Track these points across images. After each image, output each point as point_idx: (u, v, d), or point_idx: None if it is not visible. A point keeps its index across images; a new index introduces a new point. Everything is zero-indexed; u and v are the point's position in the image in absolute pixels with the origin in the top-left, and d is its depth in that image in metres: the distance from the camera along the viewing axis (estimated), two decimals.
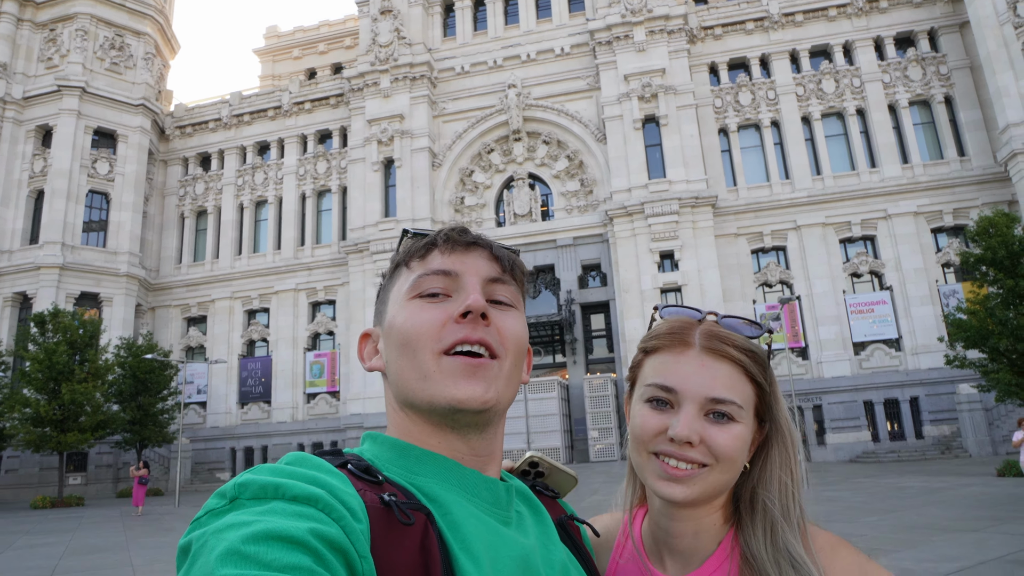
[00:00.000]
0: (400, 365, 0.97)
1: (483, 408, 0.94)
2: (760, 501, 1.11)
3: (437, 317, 0.96)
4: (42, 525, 21.50)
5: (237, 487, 0.75)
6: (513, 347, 0.99)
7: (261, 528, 0.67)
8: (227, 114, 43.33)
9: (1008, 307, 22.77)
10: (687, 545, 1.14)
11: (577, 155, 37.59)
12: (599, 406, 32.64)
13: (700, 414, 1.08)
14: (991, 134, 33.43)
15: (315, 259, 40.34)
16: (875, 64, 35.90)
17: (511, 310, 1.02)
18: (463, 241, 1.03)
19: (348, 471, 0.86)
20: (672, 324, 1.16)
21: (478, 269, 1.01)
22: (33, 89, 39.83)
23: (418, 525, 0.83)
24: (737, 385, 1.09)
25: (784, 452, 1.14)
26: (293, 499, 0.74)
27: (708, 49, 37.81)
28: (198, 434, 38.68)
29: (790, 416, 1.16)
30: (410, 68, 38.93)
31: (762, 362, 1.13)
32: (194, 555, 0.68)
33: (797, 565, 1.03)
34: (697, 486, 1.07)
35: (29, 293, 37.26)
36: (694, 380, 1.09)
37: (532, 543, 0.97)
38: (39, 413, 30.00)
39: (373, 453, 0.97)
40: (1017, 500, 14.34)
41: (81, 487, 34.93)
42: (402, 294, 1.01)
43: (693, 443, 1.06)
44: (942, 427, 30.77)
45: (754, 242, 35.18)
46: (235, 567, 0.63)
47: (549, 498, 1.19)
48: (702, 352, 1.10)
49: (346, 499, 0.78)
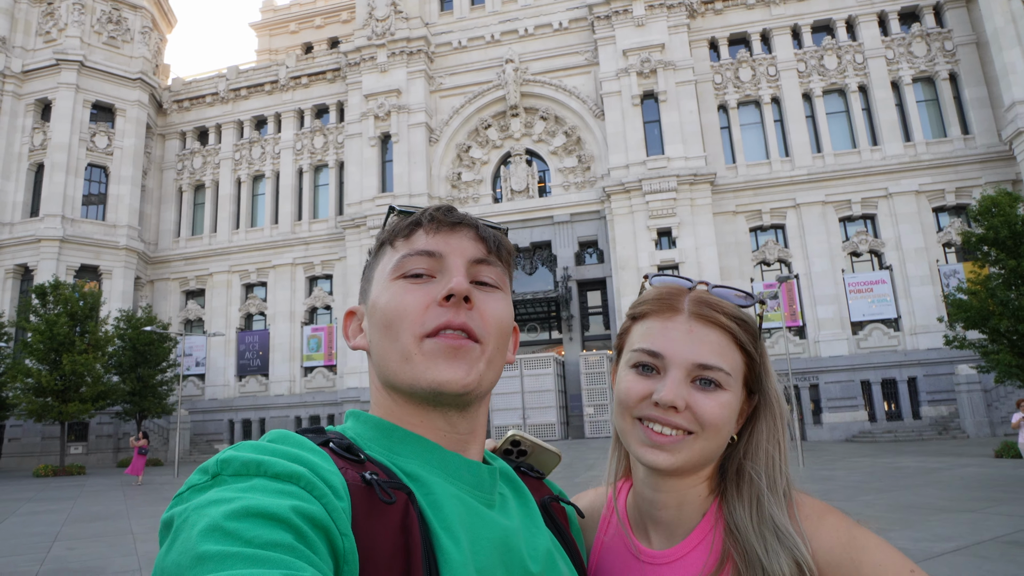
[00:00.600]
0: (383, 346, 0.96)
1: (464, 391, 0.93)
2: (746, 473, 1.09)
3: (420, 300, 0.95)
4: (44, 493, 21.82)
5: (219, 463, 0.75)
6: (495, 331, 0.97)
7: (243, 505, 0.67)
8: (224, 88, 43.26)
9: (1010, 288, 22.52)
10: (671, 516, 1.12)
11: (575, 131, 37.30)
12: (595, 382, 32.71)
13: (687, 380, 1.06)
14: (996, 112, 32.81)
15: (312, 234, 40.42)
16: (878, 40, 35.20)
17: (495, 292, 1.01)
18: (448, 221, 1.01)
19: (330, 449, 0.86)
20: (661, 290, 1.14)
21: (463, 250, 0.99)
22: (32, 63, 39.92)
23: (399, 504, 0.83)
24: (726, 352, 1.07)
25: (772, 424, 1.12)
26: (275, 476, 0.73)
27: (708, 24, 37.22)
28: (197, 406, 39.13)
29: (779, 388, 1.14)
30: (407, 43, 38.64)
31: (752, 331, 1.10)
32: (176, 530, 0.68)
33: (781, 535, 1.01)
34: (682, 454, 1.05)
35: (30, 265, 37.64)
36: (682, 345, 1.07)
37: (515, 525, 0.97)
38: (41, 383, 30.40)
39: (356, 432, 0.97)
40: (1015, 481, 14.29)
41: (82, 456, 35.50)
42: (386, 274, 0.99)
43: (679, 408, 1.04)
44: (940, 408, 30.59)
45: (753, 220, 34.87)
46: (217, 543, 0.63)
47: (534, 479, 1.18)
48: (691, 318, 1.08)
49: (328, 477, 0.78)
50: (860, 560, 0.97)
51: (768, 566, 0.99)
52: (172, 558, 0.65)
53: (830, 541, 1.00)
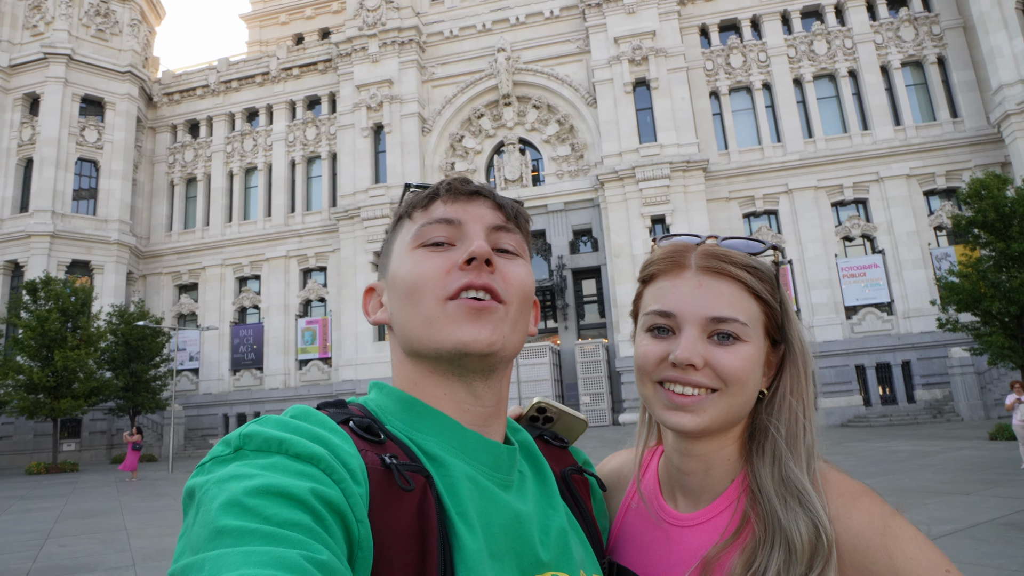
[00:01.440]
0: (405, 314, 0.95)
1: (489, 351, 0.91)
2: (767, 429, 1.05)
3: (441, 265, 0.94)
4: (37, 490, 21.65)
5: (242, 437, 0.75)
6: (518, 294, 0.96)
7: (263, 482, 0.67)
8: (215, 81, 43.08)
9: (1000, 270, 22.73)
10: (698, 483, 1.09)
11: (568, 119, 37.36)
12: (590, 371, 32.76)
13: (703, 336, 1.02)
14: (984, 95, 33.12)
15: (306, 226, 40.31)
16: (867, 24, 35.47)
17: (516, 258, 1.00)
18: (465, 190, 1.00)
19: (350, 428, 0.86)
20: (668, 249, 1.10)
21: (481, 217, 0.99)
22: (19, 57, 39.65)
23: (417, 489, 0.82)
24: (740, 303, 1.03)
25: (796, 374, 1.06)
26: (296, 456, 0.73)
27: (699, 10, 37.39)
28: (191, 400, 38.90)
29: (805, 335, 1.08)
30: (398, 32, 38.59)
31: (766, 278, 1.06)
32: (198, 503, 0.69)
33: (803, 498, 0.96)
34: (708, 413, 1.01)
35: (20, 261, 37.33)
36: (693, 301, 1.03)
37: (529, 509, 0.95)
38: (32, 380, 30.16)
39: (378, 404, 0.97)
40: (1009, 463, 14.34)
41: (75, 453, 35.23)
42: (405, 244, 0.98)
43: (697, 366, 1.00)
44: (934, 391, 30.79)
45: (746, 206, 35.02)
46: (236, 518, 0.64)
47: (557, 448, 1.16)
48: (699, 272, 1.04)
49: (347, 460, 0.77)
50: (893, 550, 0.91)
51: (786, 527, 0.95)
52: (195, 531, 0.65)
53: (861, 524, 0.94)
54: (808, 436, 1.03)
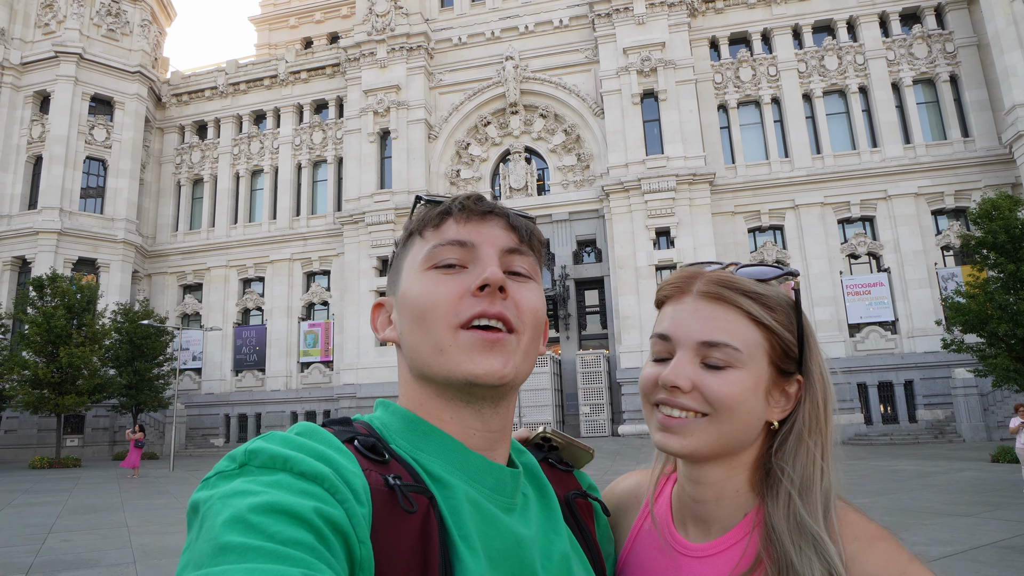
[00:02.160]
0: (415, 338, 0.94)
1: (500, 383, 0.91)
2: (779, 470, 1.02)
3: (453, 290, 0.92)
4: (40, 485, 21.87)
5: (248, 453, 0.75)
6: (531, 320, 0.95)
7: (267, 500, 0.67)
8: (223, 83, 43.19)
9: (1008, 292, 22.51)
10: (709, 512, 1.08)
11: (574, 129, 37.21)
12: (591, 382, 32.70)
13: (694, 360, 1.01)
14: (997, 115, 32.72)
15: (310, 229, 40.42)
16: (879, 41, 35.09)
17: (529, 282, 0.98)
18: (479, 210, 0.98)
19: (355, 448, 0.85)
20: (678, 274, 1.10)
21: (495, 239, 0.97)
22: (31, 55, 39.88)
23: (420, 510, 0.82)
24: (735, 328, 1.01)
25: (816, 411, 1.03)
26: (300, 475, 0.73)
27: (709, 23, 37.11)
28: (193, 400, 39.18)
29: (827, 371, 1.05)
30: (407, 38, 38.53)
31: (774, 305, 1.03)
32: (202, 518, 0.69)
33: (818, 546, 0.94)
34: (695, 436, 1.00)
35: (28, 257, 37.66)
36: (686, 325, 1.03)
37: (532, 533, 0.94)
38: (37, 375, 30.47)
39: (383, 422, 0.96)
40: (1011, 486, 14.29)
41: (78, 449, 35.56)
42: (416, 264, 0.97)
43: (683, 388, 1.00)
44: (936, 411, 30.56)
45: (751, 221, 34.82)
46: (239, 534, 0.64)
47: (562, 472, 1.15)
48: (698, 297, 1.05)
49: (351, 480, 0.77)
50: None
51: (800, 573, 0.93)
52: (198, 547, 0.66)
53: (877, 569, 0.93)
54: (825, 480, 1.00)
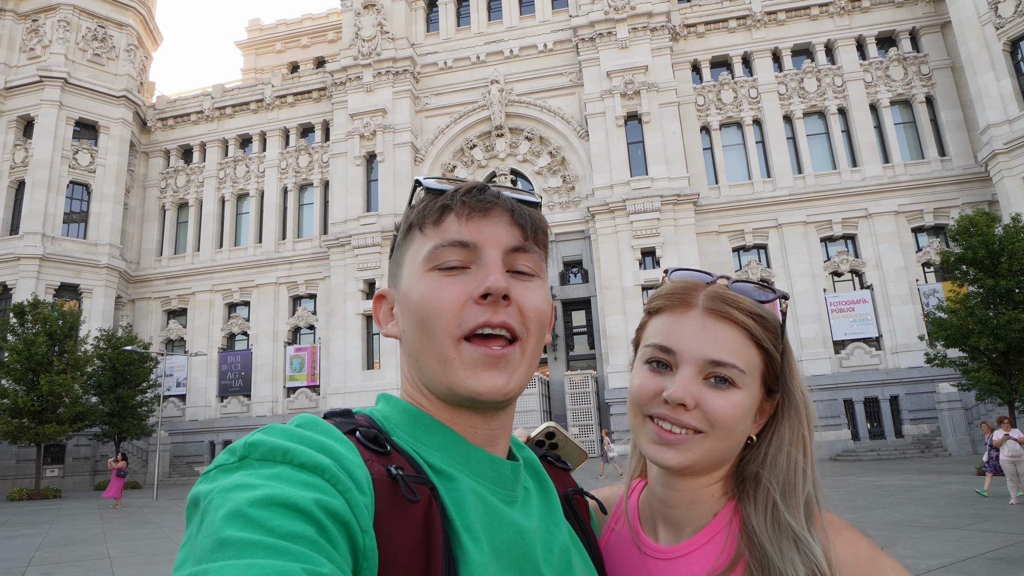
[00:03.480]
0: (419, 343, 0.93)
1: (505, 399, 0.92)
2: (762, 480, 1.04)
3: (456, 296, 0.91)
4: (19, 517, 21.40)
5: (247, 446, 0.75)
6: (536, 325, 0.94)
7: (267, 493, 0.67)
8: (209, 107, 43.24)
9: (988, 306, 22.86)
10: (681, 516, 1.09)
11: (559, 151, 37.59)
12: (579, 402, 32.63)
13: (698, 377, 1.02)
14: (972, 134, 33.49)
15: (296, 253, 40.30)
16: (857, 63, 35.94)
17: (533, 280, 0.96)
18: (481, 205, 0.95)
19: (356, 439, 0.85)
20: (677, 284, 1.10)
21: (498, 239, 0.94)
22: (15, 79, 39.74)
23: (423, 500, 0.82)
24: (740, 349, 1.03)
25: (797, 424, 1.06)
26: (301, 466, 0.73)
27: (691, 47, 37.82)
28: (177, 427, 38.58)
29: (806, 387, 1.09)
30: (393, 63, 38.88)
31: (771, 328, 1.06)
32: (202, 512, 0.69)
33: (800, 544, 0.96)
34: (691, 452, 1.02)
35: (9, 284, 37.17)
36: (694, 341, 1.03)
37: (533, 525, 0.95)
38: (17, 404, 29.88)
39: (384, 414, 0.96)
40: (997, 498, 14.46)
41: (58, 479, 34.84)
42: (417, 263, 0.95)
43: (688, 406, 1.01)
44: (922, 426, 30.81)
45: (735, 240, 35.20)
46: (239, 529, 0.63)
47: (560, 470, 1.16)
48: (704, 313, 1.04)
49: (353, 470, 0.77)
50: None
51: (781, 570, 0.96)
52: (198, 541, 0.65)
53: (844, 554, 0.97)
54: (808, 483, 1.03)
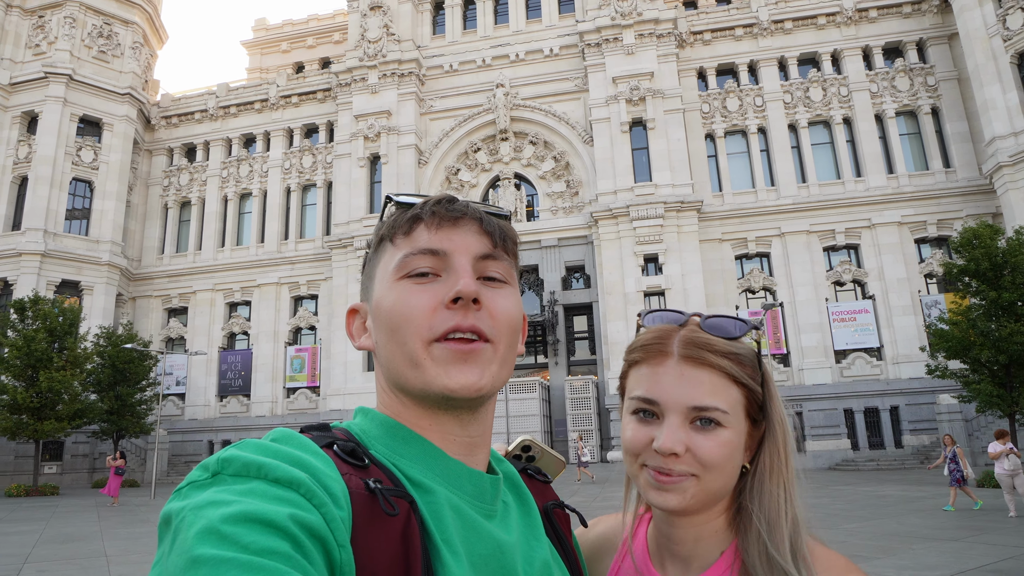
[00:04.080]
0: (390, 350, 0.93)
1: (477, 395, 0.91)
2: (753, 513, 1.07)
3: (426, 302, 0.91)
4: (16, 513, 21.38)
5: (220, 462, 0.74)
6: (506, 329, 0.94)
7: (240, 509, 0.66)
8: (213, 105, 43.24)
9: (990, 318, 22.90)
10: (687, 551, 1.11)
11: (563, 156, 37.59)
12: (580, 407, 32.66)
13: (684, 423, 1.04)
14: (977, 146, 33.48)
15: (298, 253, 40.30)
16: (863, 73, 35.95)
17: (504, 287, 0.97)
18: (450, 215, 0.96)
19: (333, 452, 0.84)
20: (652, 334, 1.12)
21: (468, 246, 0.95)
22: (20, 75, 39.74)
23: (401, 514, 0.80)
24: (720, 391, 1.05)
25: (776, 453, 1.09)
26: (275, 481, 0.72)
27: (697, 54, 37.82)
28: (176, 426, 38.55)
29: (785, 415, 1.10)
30: (398, 64, 38.89)
31: (747, 362, 1.08)
32: (174, 530, 0.67)
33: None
34: (688, 493, 1.04)
35: (10, 279, 37.15)
36: (675, 390, 1.05)
37: (513, 539, 0.94)
38: (16, 400, 29.82)
39: (362, 428, 0.95)
40: (997, 511, 14.51)
41: (56, 476, 34.80)
42: (388, 273, 0.96)
43: (679, 453, 1.03)
44: (921, 437, 30.81)
45: (738, 248, 35.19)
46: (213, 546, 0.62)
47: (540, 483, 1.15)
48: (680, 361, 1.07)
49: (329, 484, 0.76)
50: None
51: None
52: (171, 560, 0.65)
53: None
54: (790, 517, 1.04)
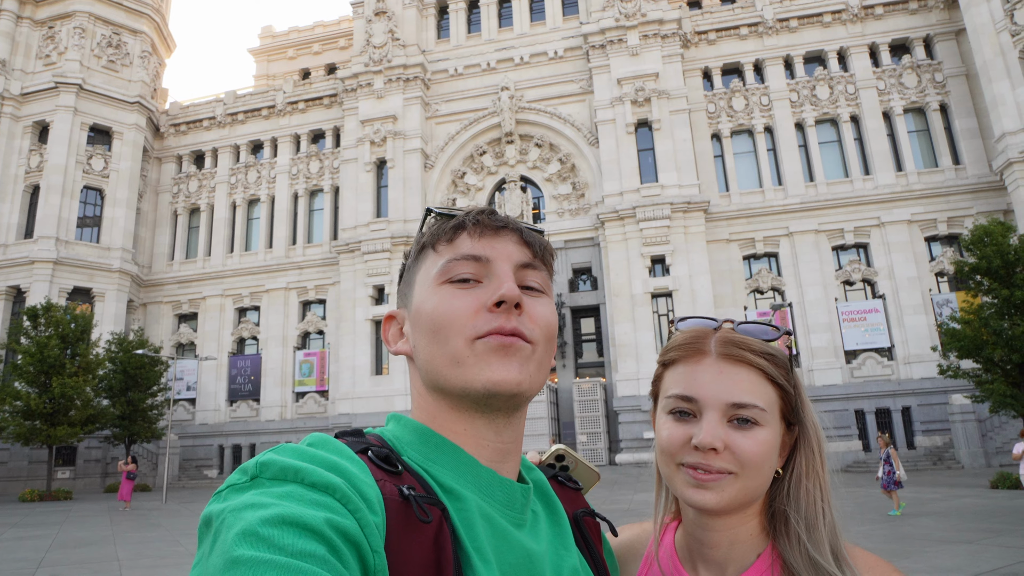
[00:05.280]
0: (431, 351, 0.95)
1: (517, 391, 0.92)
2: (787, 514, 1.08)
3: (469, 304, 0.93)
4: (30, 518, 21.63)
5: (259, 466, 0.76)
6: (545, 334, 0.96)
7: (278, 512, 0.67)
8: (221, 113, 43.59)
9: (1003, 317, 22.62)
10: (722, 555, 1.12)
11: (569, 158, 37.54)
12: (588, 410, 32.55)
13: (723, 420, 1.06)
14: (987, 143, 33.11)
15: (306, 258, 40.49)
16: (870, 71, 35.64)
17: (542, 296, 1.00)
18: (493, 225, 0.99)
19: (368, 458, 0.86)
20: (687, 334, 1.14)
21: (509, 254, 0.98)
22: (31, 85, 40.27)
23: (434, 521, 0.82)
24: (758, 389, 1.07)
25: (811, 456, 1.10)
26: (312, 486, 0.73)
27: (702, 54, 37.66)
28: (187, 431, 38.82)
29: (817, 419, 1.12)
30: (404, 69, 39.02)
31: (783, 364, 1.10)
32: (215, 531, 0.69)
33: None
34: (726, 492, 1.05)
35: (23, 287, 37.58)
36: (713, 387, 1.07)
37: (542, 548, 0.95)
38: (29, 406, 30.20)
39: (395, 435, 0.97)
40: (1012, 512, 14.30)
41: (69, 481, 35.12)
42: (430, 278, 0.97)
43: (718, 449, 1.04)
44: (934, 438, 30.46)
45: (746, 248, 34.96)
46: (251, 548, 0.64)
47: (572, 491, 1.17)
48: (719, 359, 1.09)
49: (364, 489, 0.77)
50: None
51: None
52: (211, 560, 0.66)
53: None
54: (828, 518, 1.06)
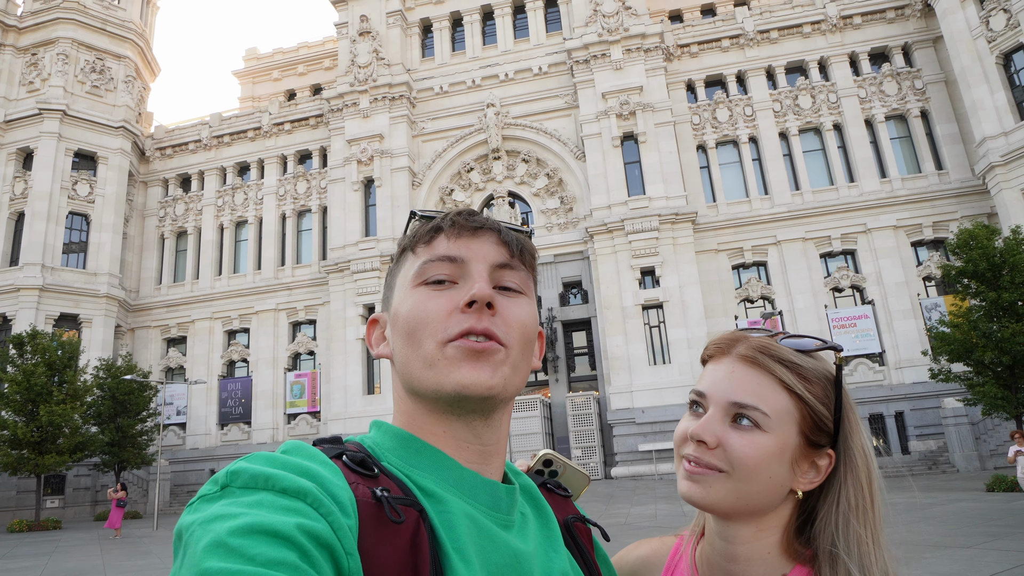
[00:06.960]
0: (406, 353, 0.94)
1: (489, 394, 0.90)
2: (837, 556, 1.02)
3: (442, 306, 0.93)
4: (18, 549, 21.34)
5: (229, 475, 0.75)
6: (519, 336, 0.95)
7: (247, 521, 0.67)
8: (207, 135, 43.52)
9: (991, 319, 22.76)
10: (742, 571, 1.11)
11: (556, 173, 37.69)
12: (582, 424, 32.42)
13: (724, 418, 1.06)
14: (968, 147, 33.51)
15: (295, 279, 40.32)
16: (850, 79, 36.06)
17: (519, 297, 0.98)
18: (470, 226, 0.98)
19: (342, 463, 0.84)
20: (726, 336, 1.16)
21: (485, 255, 0.97)
22: (14, 112, 40.09)
23: (409, 522, 0.81)
24: (766, 394, 1.06)
25: (859, 492, 1.05)
26: (282, 491, 0.73)
27: (685, 67, 38.01)
28: (177, 456, 38.38)
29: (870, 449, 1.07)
30: (389, 88, 39.16)
31: (811, 376, 1.07)
32: (185, 544, 0.69)
33: None
34: (713, 488, 1.04)
35: (8, 315, 37.20)
36: (721, 385, 1.09)
37: (530, 549, 0.94)
38: (16, 435, 29.79)
39: (375, 441, 0.96)
40: (1009, 515, 14.27)
41: (59, 510, 34.62)
42: (408, 280, 0.98)
43: (708, 443, 1.05)
44: (928, 442, 30.50)
45: (735, 258, 35.12)
46: (220, 559, 0.63)
47: (560, 497, 1.15)
48: (735, 360, 1.10)
49: (336, 493, 0.76)
50: None
51: None
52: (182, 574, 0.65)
53: None
54: (879, 564, 1.02)
